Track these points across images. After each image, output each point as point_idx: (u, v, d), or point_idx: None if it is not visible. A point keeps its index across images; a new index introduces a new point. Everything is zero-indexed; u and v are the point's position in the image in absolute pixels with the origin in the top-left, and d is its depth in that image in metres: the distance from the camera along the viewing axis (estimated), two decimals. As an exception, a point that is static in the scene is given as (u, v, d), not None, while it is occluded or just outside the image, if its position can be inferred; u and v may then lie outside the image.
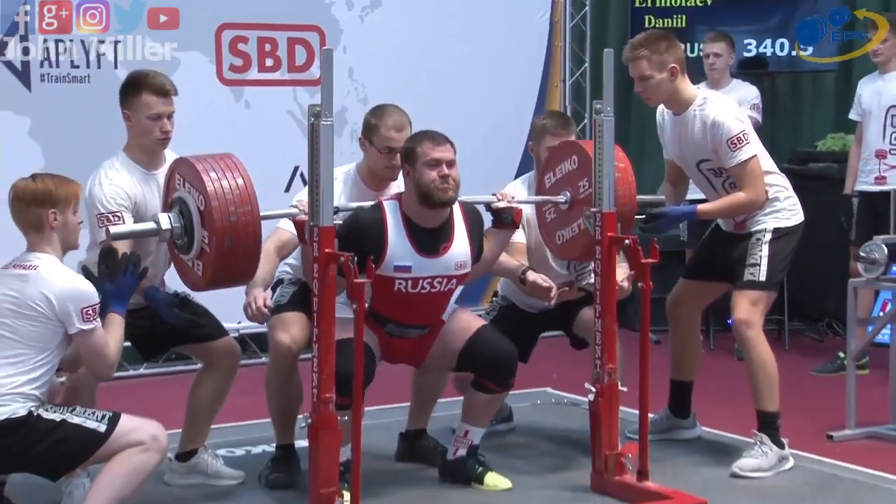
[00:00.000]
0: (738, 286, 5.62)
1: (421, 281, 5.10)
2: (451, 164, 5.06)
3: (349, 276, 4.49)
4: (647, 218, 5.59)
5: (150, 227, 4.75)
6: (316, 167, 4.58)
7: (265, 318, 5.10)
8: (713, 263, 5.81)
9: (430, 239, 5.11)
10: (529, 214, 5.67)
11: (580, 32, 9.15)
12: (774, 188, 5.66)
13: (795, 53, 8.86)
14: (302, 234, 4.71)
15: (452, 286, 5.20)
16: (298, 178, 7.78)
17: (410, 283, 5.09)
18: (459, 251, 5.16)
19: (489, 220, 5.37)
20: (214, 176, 4.57)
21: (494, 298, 6.07)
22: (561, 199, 5.50)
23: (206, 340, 5.32)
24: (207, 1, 7.80)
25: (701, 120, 5.56)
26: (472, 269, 5.25)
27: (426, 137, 5.10)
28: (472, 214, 5.26)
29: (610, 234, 5.20)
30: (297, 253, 5.27)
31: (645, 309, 5.18)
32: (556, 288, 5.47)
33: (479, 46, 8.56)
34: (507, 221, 5.31)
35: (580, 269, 5.86)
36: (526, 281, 5.50)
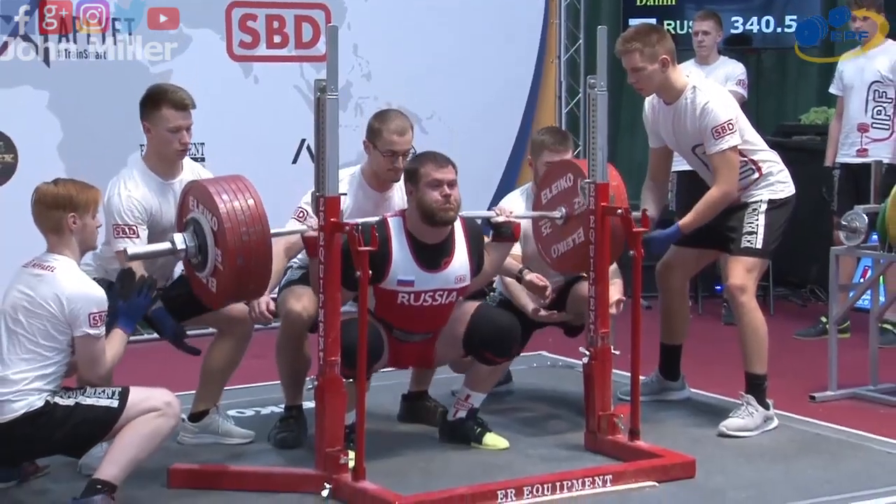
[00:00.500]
0: (734, 252, 5.61)
1: (423, 294, 5.10)
2: (452, 184, 5.05)
3: (353, 243, 4.50)
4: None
5: (165, 247, 4.72)
6: (322, 139, 4.58)
7: (268, 321, 5.14)
8: (705, 232, 5.78)
9: (432, 254, 5.10)
10: (527, 227, 5.67)
11: (575, 10, 9.11)
12: (767, 163, 5.65)
13: (781, 30, 8.83)
14: (311, 249, 4.69)
15: (453, 298, 5.19)
16: (305, 150, 7.77)
17: (413, 296, 5.09)
18: (459, 265, 5.16)
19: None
20: (227, 198, 4.56)
21: (492, 293, 6.04)
22: (556, 214, 5.48)
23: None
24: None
25: (693, 106, 5.53)
26: (472, 281, 5.24)
27: (429, 159, 5.10)
28: (472, 229, 5.26)
29: (603, 203, 5.19)
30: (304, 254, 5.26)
31: (636, 276, 5.17)
32: (550, 287, 5.47)
33: (477, 24, 8.52)
34: (506, 235, 5.30)
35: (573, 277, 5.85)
36: (523, 280, 5.50)
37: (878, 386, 6.22)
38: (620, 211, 5.15)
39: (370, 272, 4.57)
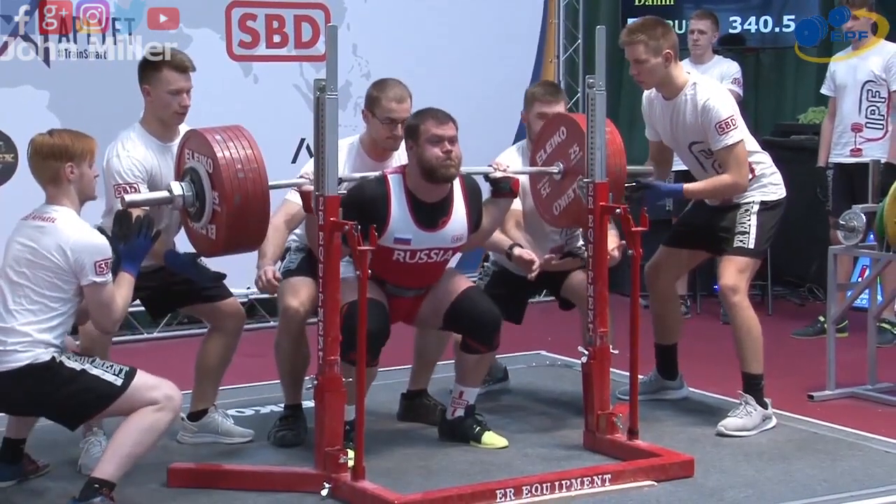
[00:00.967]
0: (727, 252, 5.59)
1: (418, 252, 5.09)
2: (452, 140, 5.02)
3: (353, 243, 4.49)
4: (635, 186, 5.55)
5: (163, 195, 4.75)
6: (321, 139, 4.58)
7: (275, 289, 5.10)
8: (696, 233, 5.79)
9: (430, 213, 5.08)
10: (524, 182, 5.64)
11: (573, 10, 9.11)
12: (760, 166, 5.65)
13: (779, 30, 8.82)
14: (307, 203, 4.69)
15: (448, 256, 5.20)
16: (304, 149, 7.77)
17: (408, 254, 5.08)
18: (457, 225, 5.15)
19: (487, 187, 5.34)
20: (220, 138, 4.59)
21: (486, 264, 6.04)
22: (554, 169, 5.48)
23: (213, 301, 5.29)
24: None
25: (692, 103, 5.53)
26: (470, 238, 5.23)
27: (429, 115, 5.06)
28: (470, 187, 5.23)
29: (602, 203, 5.17)
30: (304, 223, 5.25)
31: (635, 275, 5.16)
32: (538, 261, 5.43)
33: (477, 24, 8.52)
34: (505, 190, 5.29)
35: (570, 233, 5.84)
36: (512, 256, 5.47)
37: (876, 385, 6.20)
38: (619, 210, 5.14)
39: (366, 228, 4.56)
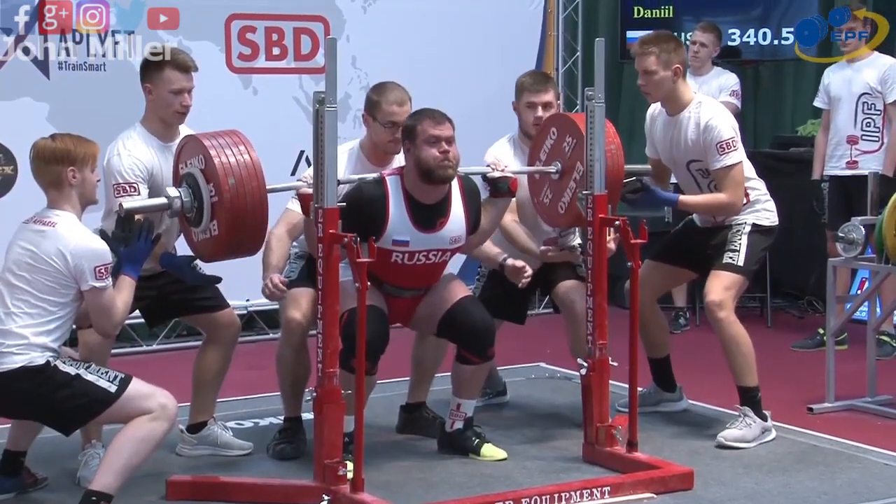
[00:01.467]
0: (715, 267, 5.59)
1: (417, 254, 5.09)
2: (450, 141, 5.02)
3: (352, 255, 4.49)
4: (633, 185, 5.52)
5: (161, 202, 4.75)
6: (320, 151, 4.58)
7: (282, 294, 5.09)
8: (685, 251, 5.80)
9: (428, 214, 5.08)
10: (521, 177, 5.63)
11: (572, 22, 9.11)
12: (755, 192, 5.68)
13: (778, 42, 8.83)
14: (306, 206, 4.71)
15: (447, 258, 5.20)
16: (304, 161, 7.76)
17: (407, 255, 5.08)
18: (455, 226, 5.14)
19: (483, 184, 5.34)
20: (211, 135, 4.65)
21: (481, 269, 6.01)
22: (552, 169, 5.47)
23: (209, 311, 5.30)
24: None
25: (695, 121, 5.55)
26: (469, 239, 5.23)
27: (426, 116, 5.07)
28: (468, 187, 5.23)
29: (601, 215, 5.17)
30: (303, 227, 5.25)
31: (634, 286, 5.16)
32: (529, 270, 5.40)
33: (475, 37, 8.53)
34: (503, 190, 5.28)
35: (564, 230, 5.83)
36: (505, 267, 5.44)
37: (875, 397, 6.20)
38: (618, 223, 5.13)
39: (364, 231, 4.57)
